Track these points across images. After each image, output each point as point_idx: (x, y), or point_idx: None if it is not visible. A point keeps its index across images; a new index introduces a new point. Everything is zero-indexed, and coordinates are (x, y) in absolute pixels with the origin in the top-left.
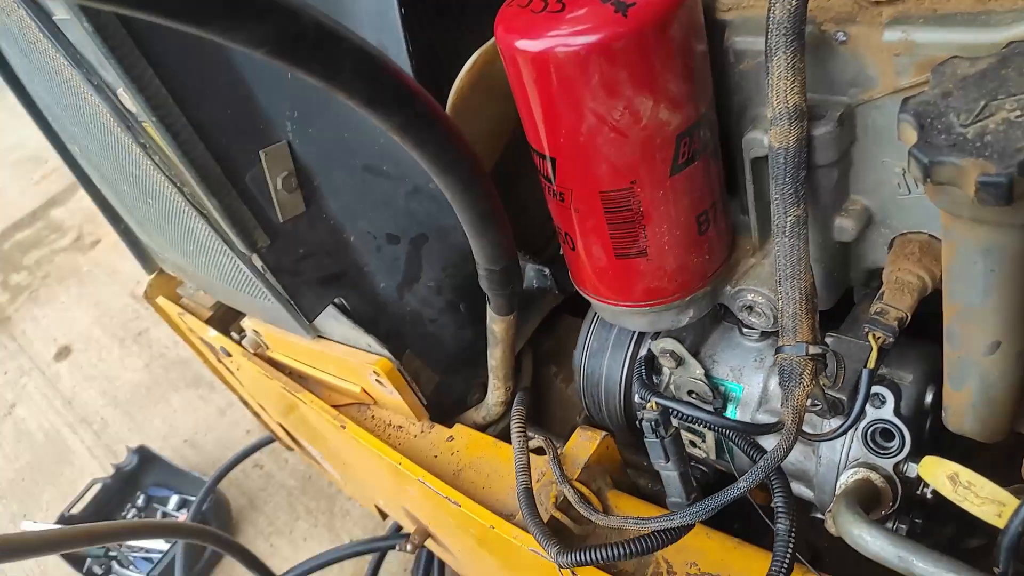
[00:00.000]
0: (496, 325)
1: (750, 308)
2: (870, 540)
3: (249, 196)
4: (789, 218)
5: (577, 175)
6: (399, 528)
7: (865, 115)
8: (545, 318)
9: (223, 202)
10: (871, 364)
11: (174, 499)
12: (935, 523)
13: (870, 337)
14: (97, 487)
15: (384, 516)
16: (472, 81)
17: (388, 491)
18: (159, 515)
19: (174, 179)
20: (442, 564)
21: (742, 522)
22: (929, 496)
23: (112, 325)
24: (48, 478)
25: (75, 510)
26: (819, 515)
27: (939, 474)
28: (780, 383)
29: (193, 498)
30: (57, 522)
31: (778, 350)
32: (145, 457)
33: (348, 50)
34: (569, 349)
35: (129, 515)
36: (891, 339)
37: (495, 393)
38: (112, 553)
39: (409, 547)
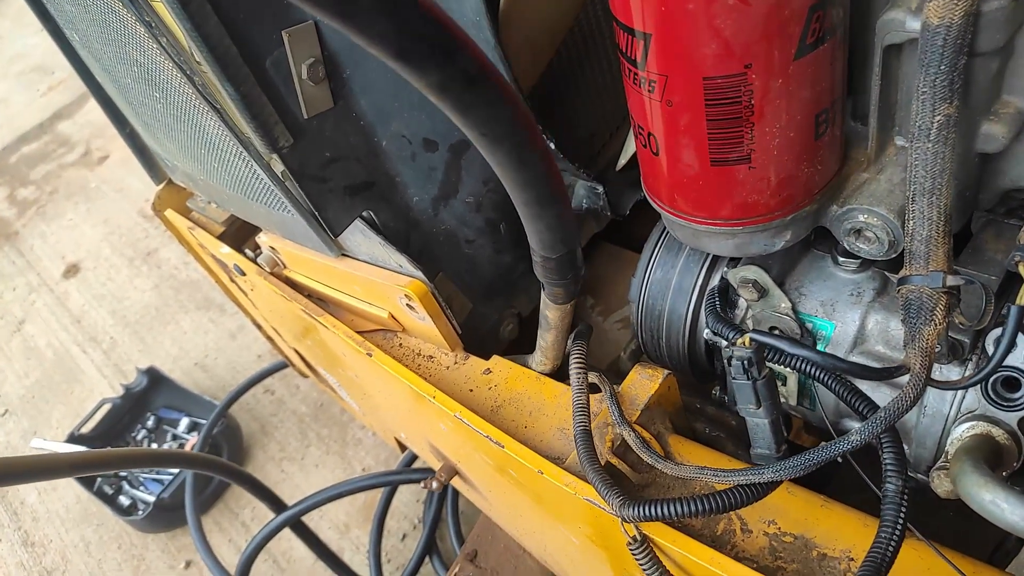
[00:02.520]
0: (550, 312)
1: (859, 232)
2: (1007, 508)
3: (270, 85)
4: (937, 117)
5: (677, 57)
6: (411, 461)
7: None
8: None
9: (240, 90)
10: (1022, 300)
11: (184, 421)
12: None
13: (1021, 268)
14: (107, 407)
15: (403, 448)
16: None
17: (413, 425)
18: (169, 437)
19: (183, 66)
20: (455, 495)
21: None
22: None
23: (121, 244)
24: (58, 396)
25: (85, 429)
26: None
27: None
28: (905, 320)
29: (203, 421)
30: (67, 440)
31: (902, 280)
32: (155, 378)
33: None
34: (607, 279)
35: (139, 436)
36: None
37: (540, 365)
38: (122, 473)
39: (435, 484)
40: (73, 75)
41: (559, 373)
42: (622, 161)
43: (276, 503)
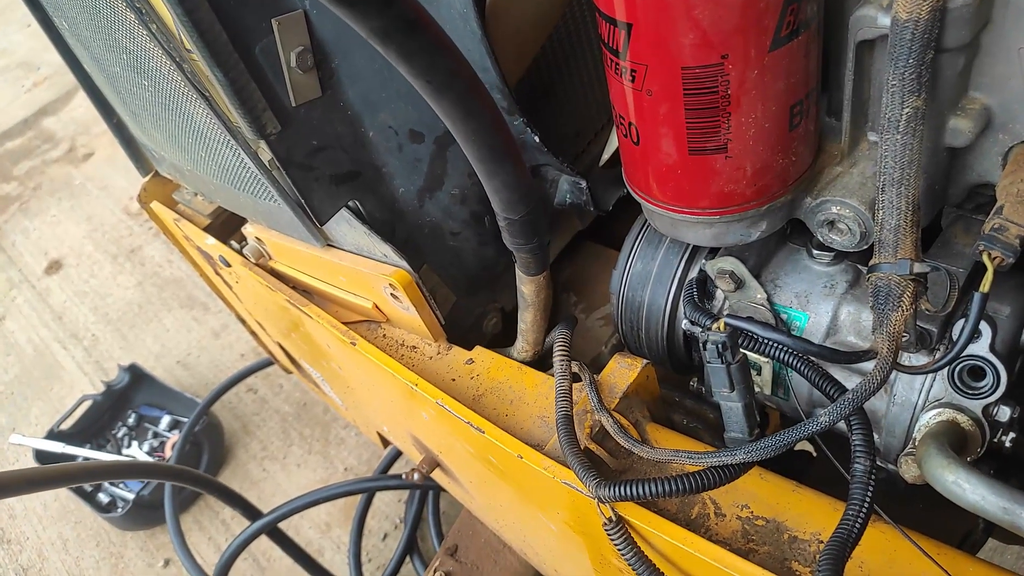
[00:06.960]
0: (525, 287)
1: (832, 223)
2: (968, 488)
3: (259, 72)
4: (906, 110)
5: (657, 47)
6: (392, 460)
7: None
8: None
9: (229, 76)
10: (985, 287)
11: (166, 419)
12: (1000, 475)
13: (985, 257)
14: (87, 404)
15: (385, 444)
16: None
17: (396, 416)
18: (150, 435)
19: (173, 53)
20: (436, 495)
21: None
22: (1008, 444)
23: (104, 241)
24: (37, 392)
25: (65, 426)
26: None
27: None
28: (874, 306)
29: (185, 419)
30: (46, 437)
31: (872, 268)
32: (137, 376)
33: None
34: (590, 277)
35: (120, 433)
36: (1011, 259)
37: (521, 353)
38: None
39: (416, 476)
40: (59, 71)
41: (540, 363)
42: (605, 156)
43: (250, 510)
